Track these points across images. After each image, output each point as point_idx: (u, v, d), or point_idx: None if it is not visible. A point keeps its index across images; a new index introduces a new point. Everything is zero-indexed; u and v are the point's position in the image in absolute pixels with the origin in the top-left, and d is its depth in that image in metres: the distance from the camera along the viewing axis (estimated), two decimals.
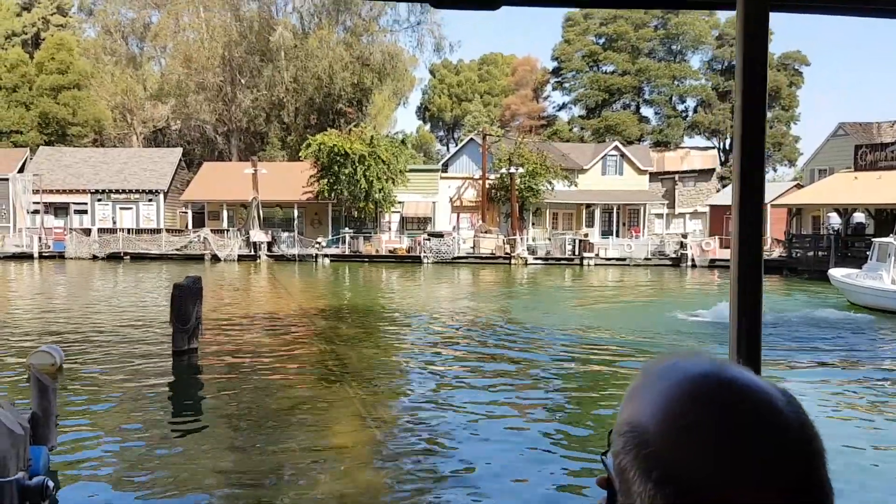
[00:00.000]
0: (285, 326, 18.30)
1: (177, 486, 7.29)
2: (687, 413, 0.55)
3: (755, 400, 0.55)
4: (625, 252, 40.82)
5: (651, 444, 0.55)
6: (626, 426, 0.58)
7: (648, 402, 0.58)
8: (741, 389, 0.56)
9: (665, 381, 0.58)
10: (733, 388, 0.56)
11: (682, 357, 0.61)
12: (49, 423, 7.05)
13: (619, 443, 0.58)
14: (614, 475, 0.59)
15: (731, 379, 0.57)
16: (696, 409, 0.55)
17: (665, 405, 0.56)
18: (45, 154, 48.30)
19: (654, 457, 0.54)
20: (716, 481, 0.52)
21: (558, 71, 70.59)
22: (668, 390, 0.57)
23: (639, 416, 0.58)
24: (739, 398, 0.55)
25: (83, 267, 36.62)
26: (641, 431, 0.56)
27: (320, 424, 9.52)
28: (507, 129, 54.93)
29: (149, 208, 46.14)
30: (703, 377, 0.57)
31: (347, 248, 41.60)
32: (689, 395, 0.56)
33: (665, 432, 0.55)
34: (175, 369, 12.49)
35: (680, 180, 51.10)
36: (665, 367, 0.60)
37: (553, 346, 15.71)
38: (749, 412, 0.54)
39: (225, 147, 60.34)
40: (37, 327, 17.13)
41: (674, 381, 0.58)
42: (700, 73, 68.00)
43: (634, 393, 0.61)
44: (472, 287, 30.77)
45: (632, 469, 0.56)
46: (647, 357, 13.65)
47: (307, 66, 55.67)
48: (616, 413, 0.59)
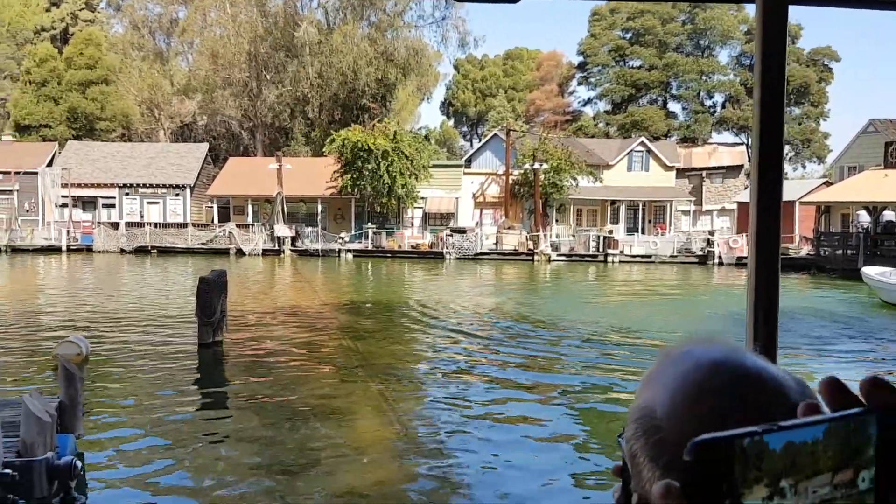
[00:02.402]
0: (309, 320, 18.37)
1: (201, 476, 7.34)
2: (696, 400, 0.55)
3: (767, 389, 0.55)
4: (650, 249, 40.45)
5: (661, 430, 0.55)
6: (639, 411, 0.59)
7: (661, 387, 0.58)
8: (753, 378, 0.56)
9: (679, 367, 0.59)
10: (745, 376, 0.56)
11: (698, 343, 0.61)
12: (76, 411, 7.12)
13: (631, 428, 0.59)
14: (627, 460, 0.60)
15: (743, 367, 0.57)
16: (706, 398, 0.55)
17: (676, 392, 0.57)
18: (74, 148, 48.97)
19: (663, 443, 0.55)
20: None
21: (584, 66, 70.10)
22: (681, 377, 0.57)
23: (651, 401, 0.58)
24: (750, 387, 0.55)
25: (111, 260, 37.09)
26: (652, 417, 0.57)
27: (343, 418, 9.53)
28: (531, 125, 54.69)
29: (175, 203, 46.62)
30: (715, 365, 0.57)
31: (370, 243, 41.71)
32: (700, 383, 0.56)
33: (675, 419, 0.55)
34: (200, 362, 12.60)
35: (707, 177, 50.52)
36: (680, 354, 0.60)
37: (577, 342, 15.61)
38: (759, 402, 0.54)
39: (250, 142, 60.79)
40: (65, 319, 17.37)
41: (687, 367, 0.58)
42: (728, 68, 67.17)
43: (650, 378, 0.61)
44: (495, 283, 30.69)
45: (642, 454, 0.56)
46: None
47: (331, 61, 55.84)
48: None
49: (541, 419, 9.62)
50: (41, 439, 6.21)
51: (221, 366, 12.70)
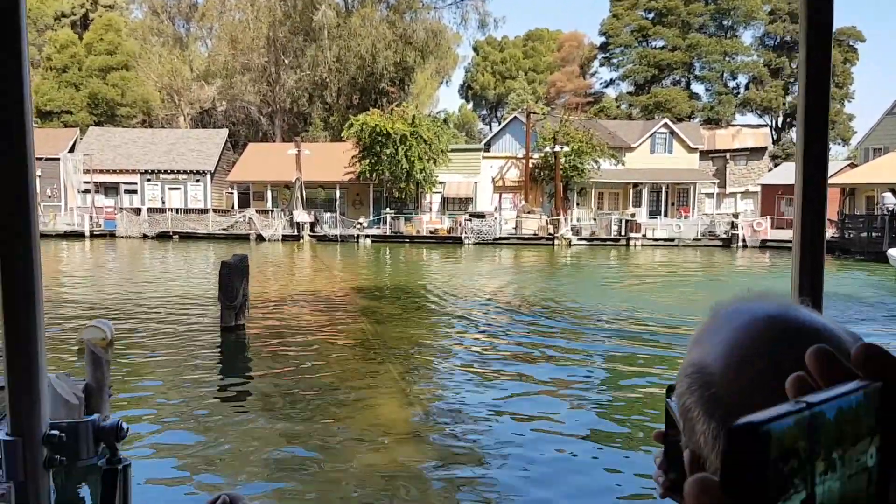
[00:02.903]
0: (329, 305, 18.36)
1: (226, 455, 7.34)
2: (752, 353, 0.55)
3: (824, 339, 0.53)
4: (673, 232, 40.03)
5: (715, 384, 0.55)
6: (692, 367, 0.58)
7: (715, 343, 0.58)
8: (807, 330, 0.55)
9: (732, 322, 0.58)
10: (800, 329, 0.56)
11: (751, 299, 0.60)
12: (102, 394, 7.13)
13: (683, 384, 0.59)
14: (678, 416, 0.60)
15: (798, 320, 0.56)
16: (762, 351, 0.55)
17: (731, 346, 0.56)
18: (95, 134, 49.30)
19: (718, 397, 0.55)
20: None
21: (606, 46, 69.24)
22: (735, 332, 0.57)
23: (704, 357, 0.58)
24: (806, 339, 0.53)
25: (133, 245, 37.38)
26: (706, 372, 0.57)
27: (364, 399, 9.50)
28: (552, 107, 54.20)
29: (196, 188, 46.84)
30: (771, 318, 0.57)
31: (388, 228, 41.66)
32: (755, 336, 0.56)
33: (730, 373, 0.55)
34: (223, 345, 12.63)
35: (731, 159, 49.94)
36: (733, 310, 0.60)
37: (598, 326, 15.46)
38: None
39: (269, 128, 60.85)
40: (90, 303, 17.49)
41: (741, 322, 0.58)
42: (752, 49, 66.06)
43: (701, 335, 0.61)
44: (514, 268, 30.54)
45: (696, 409, 0.56)
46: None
47: (350, 45, 55.59)
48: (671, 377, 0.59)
49: (560, 401, 9.52)
50: None
51: (244, 348, 12.72)
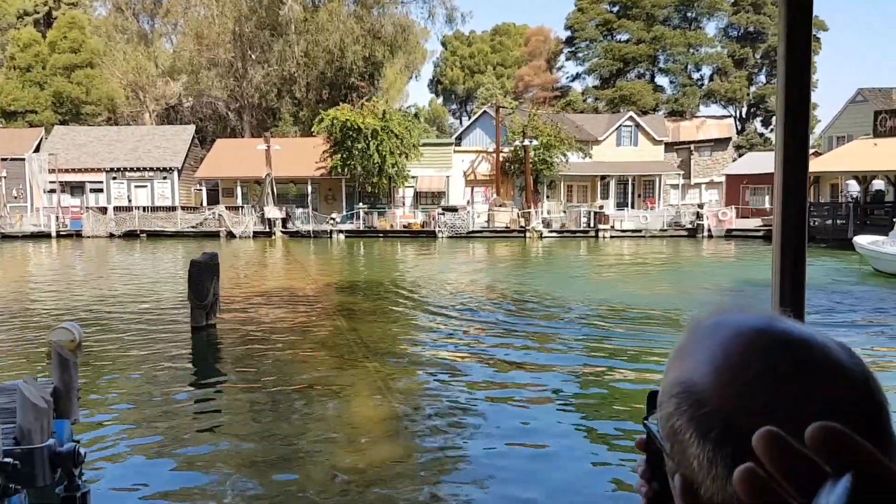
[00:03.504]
0: (303, 302, 18.37)
1: (197, 460, 7.36)
2: (744, 368, 0.53)
3: (816, 352, 0.53)
4: (640, 224, 40.55)
5: (707, 402, 0.53)
6: (679, 386, 0.56)
7: (701, 360, 0.55)
8: (800, 342, 0.53)
9: (717, 336, 0.56)
10: (792, 340, 0.54)
11: (732, 312, 0.58)
12: (71, 396, 7.13)
13: (670, 404, 0.56)
14: (664, 439, 0.57)
15: (787, 332, 0.54)
16: (754, 364, 0.53)
17: (720, 361, 0.54)
18: (60, 133, 48.51)
19: (711, 416, 0.52)
20: None
21: (572, 40, 69.67)
22: (722, 346, 0.55)
23: (691, 374, 0.55)
24: (799, 350, 0.53)
25: (100, 245, 36.92)
26: (696, 391, 0.54)
27: (340, 399, 9.56)
28: (520, 101, 54.45)
29: (163, 186, 46.32)
30: (758, 331, 0.55)
31: (362, 223, 41.61)
32: (745, 350, 0.54)
33: (721, 389, 0.53)
34: (194, 345, 12.61)
35: (696, 150, 50.61)
36: (715, 323, 0.58)
37: (571, 317, 15.69)
38: (810, 364, 0.52)
39: (237, 124, 60.32)
40: (57, 305, 17.30)
41: (727, 336, 0.55)
42: (716, 40, 66.91)
43: (683, 352, 0.59)
44: (488, 261, 30.74)
45: (687, 430, 0.54)
46: (668, 327, 13.60)
47: (318, 39, 55.30)
48: (651, 380, 0.58)
49: (537, 394, 9.68)
50: (38, 425, 6.21)
51: (216, 349, 12.71)
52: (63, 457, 1.07)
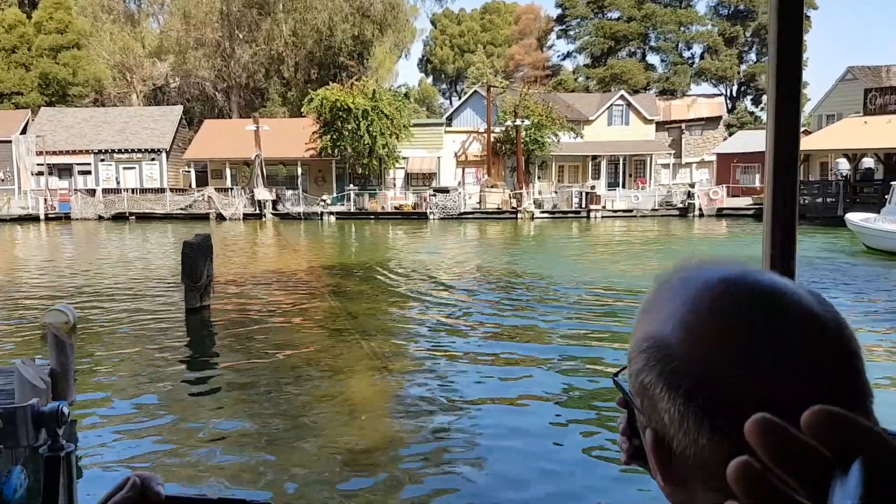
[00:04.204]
0: (296, 284, 18.34)
1: (194, 439, 7.36)
2: (714, 320, 0.52)
3: (787, 300, 0.52)
4: (632, 203, 40.61)
5: (677, 356, 0.53)
6: (647, 341, 0.55)
7: (669, 313, 0.55)
8: (771, 291, 0.53)
9: (685, 289, 0.55)
10: (762, 290, 0.53)
11: (700, 266, 0.58)
12: (67, 378, 7.11)
13: (639, 360, 0.55)
14: (635, 394, 0.57)
15: (758, 281, 0.54)
16: (724, 315, 0.52)
17: (689, 314, 0.54)
18: (47, 115, 47.97)
19: (681, 369, 0.52)
20: (750, 386, 0.49)
21: (563, 18, 69.32)
22: (691, 299, 0.54)
23: (660, 328, 0.55)
24: (770, 300, 0.52)
25: (89, 227, 36.66)
26: (665, 344, 0.54)
27: (336, 377, 9.58)
28: (511, 80, 54.18)
29: (151, 167, 45.94)
30: (727, 282, 0.54)
31: (353, 205, 41.44)
32: (715, 301, 0.53)
33: (691, 342, 0.52)
34: (189, 327, 12.57)
35: (686, 129, 50.53)
36: (683, 277, 0.57)
37: (564, 296, 15.73)
38: (781, 313, 0.52)
39: (225, 104, 59.80)
40: (49, 288, 17.20)
41: (696, 289, 0.55)
42: (707, 18, 66.74)
43: (650, 306, 0.58)
44: (481, 242, 30.74)
45: (657, 385, 0.53)
46: None
47: (306, 18, 54.75)
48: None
49: (529, 373, 9.72)
50: None
51: (210, 330, 12.67)
52: (46, 416, 1.05)
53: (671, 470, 0.54)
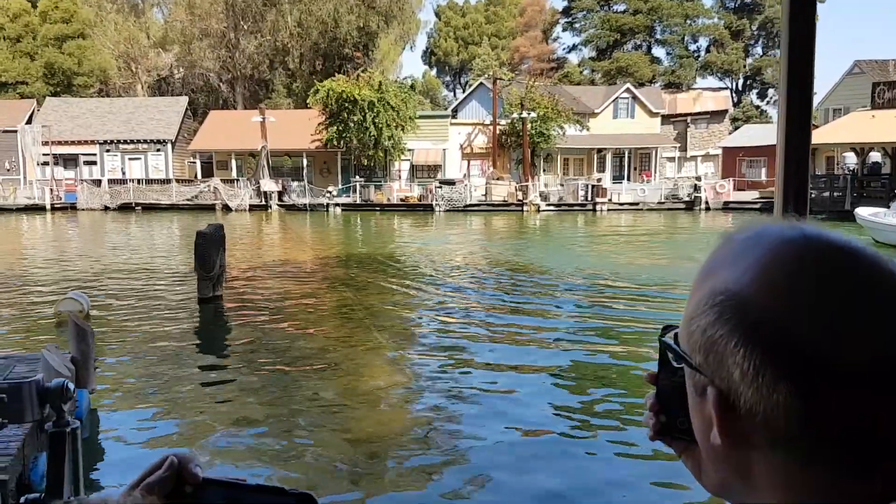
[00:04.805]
0: (306, 274, 18.37)
1: (209, 427, 7.39)
2: (798, 275, 0.51)
3: (868, 260, 0.52)
4: (638, 196, 40.56)
5: (755, 310, 0.52)
6: (720, 295, 0.54)
7: (744, 268, 0.54)
8: (851, 250, 0.53)
9: (760, 245, 0.54)
10: (843, 248, 0.53)
11: (772, 223, 0.57)
12: (88, 366, 7.12)
13: (710, 314, 0.54)
14: (692, 352, 0.56)
15: (836, 240, 0.53)
16: (811, 268, 0.51)
17: (773, 268, 0.52)
18: (53, 105, 47.92)
19: (760, 324, 0.51)
20: (835, 349, 0.49)
21: (568, 11, 69.00)
22: (771, 252, 0.53)
23: (734, 283, 0.53)
24: (851, 258, 0.52)
25: (95, 218, 36.70)
26: (742, 298, 0.52)
27: (349, 367, 9.61)
28: (516, 73, 54.02)
29: (157, 158, 45.93)
30: (808, 238, 0.54)
31: (358, 196, 41.43)
32: (798, 255, 0.53)
33: (776, 297, 0.51)
34: (203, 316, 12.59)
35: (692, 122, 50.38)
36: (757, 233, 0.56)
37: (570, 290, 15.74)
38: (873, 278, 0.51)
39: (229, 95, 59.70)
40: (59, 277, 17.21)
41: (773, 242, 0.54)
42: (713, 11, 66.40)
43: (717, 265, 0.57)
44: (487, 234, 30.73)
45: (731, 338, 0.52)
46: (665, 300, 13.64)
47: (311, 9, 54.62)
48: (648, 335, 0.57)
49: (538, 362, 9.74)
50: None
51: (223, 320, 12.71)
52: (52, 392, 1.07)
53: (733, 427, 0.53)
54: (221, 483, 0.59)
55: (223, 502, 0.53)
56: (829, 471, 0.50)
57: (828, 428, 0.49)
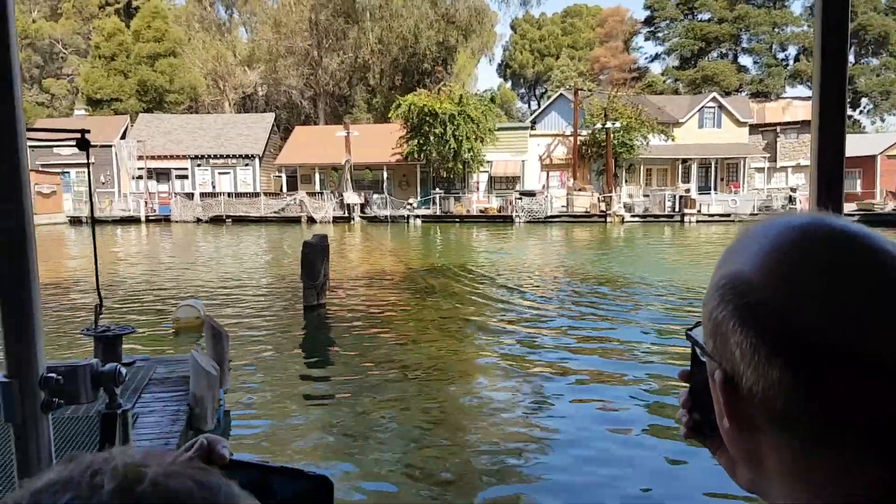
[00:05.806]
0: (397, 283, 18.41)
1: (312, 431, 7.32)
2: (794, 256, 0.52)
3: (869, 244, 0.52)
4: (728, 207, 39.35)
5: (753, 290, 0.52)
6: (723, 279, 0.55)
7: (749, 254, 0.55)
8: (854, 235, 0.52)
9: (765, 232, 0.55)
10: (845, 233, 0.52)
11: (782, 214, 0.57)
12: (223, 367, 7.22)
13: (714, 299, 0.55)
14: (706, 337, 0.56)
15: (842, 223, 0.53)
16: (807, 252, 0.52)
17: (769, 252, 0.53)
18: (146, 121, 50.00)
19: (756, 303, 0.52)
20: (829, 330, 0.48)
21: (651, 20, 68.04)
22: (772, 239, 0.54)
23: (738, 268, 0.55)
24: (853, 241, 0.52)
25: (188, 230, 37.91)
26: (741, 280, 0.53)
27: (458, 376, 9.49)
28: (597, 83, 53.42)
29: (245, 172, 47.29)
30: (807, 225, 0.54)
31: (438, 208, 41.60)
32: (795, 241, 0.53)
33: (770, 277, 0.52)
34: (308, 323, 12.70)
35: (782, 132, 48.67)
36: (765, 225, 0.57)
37: (664, 305, 15.25)
38: (870, 261, 0.51)
39: (311, 111, 61.09)
40: (169, 286, 17.71)
41: (777, 231, 0.55)
42: (802, 19, 64.29)
43: (730, 254, 0.58)
44: (572, 245, 30.28)
45: (730, 320, 0.53)
46: None
47: (392, 25, 55.45)
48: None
49: (640, 378, 9.38)
50: (210, 393, 6.28)
51: (329, 327, 12.78)
52: (105, 376, 1.12)
53: (737, 409, 0.53)
54: (247, 465, 0.62)
55: (248, 482, 0.55)
56: (840, 456, 0.49)
57: (837, 413, 0.48)
